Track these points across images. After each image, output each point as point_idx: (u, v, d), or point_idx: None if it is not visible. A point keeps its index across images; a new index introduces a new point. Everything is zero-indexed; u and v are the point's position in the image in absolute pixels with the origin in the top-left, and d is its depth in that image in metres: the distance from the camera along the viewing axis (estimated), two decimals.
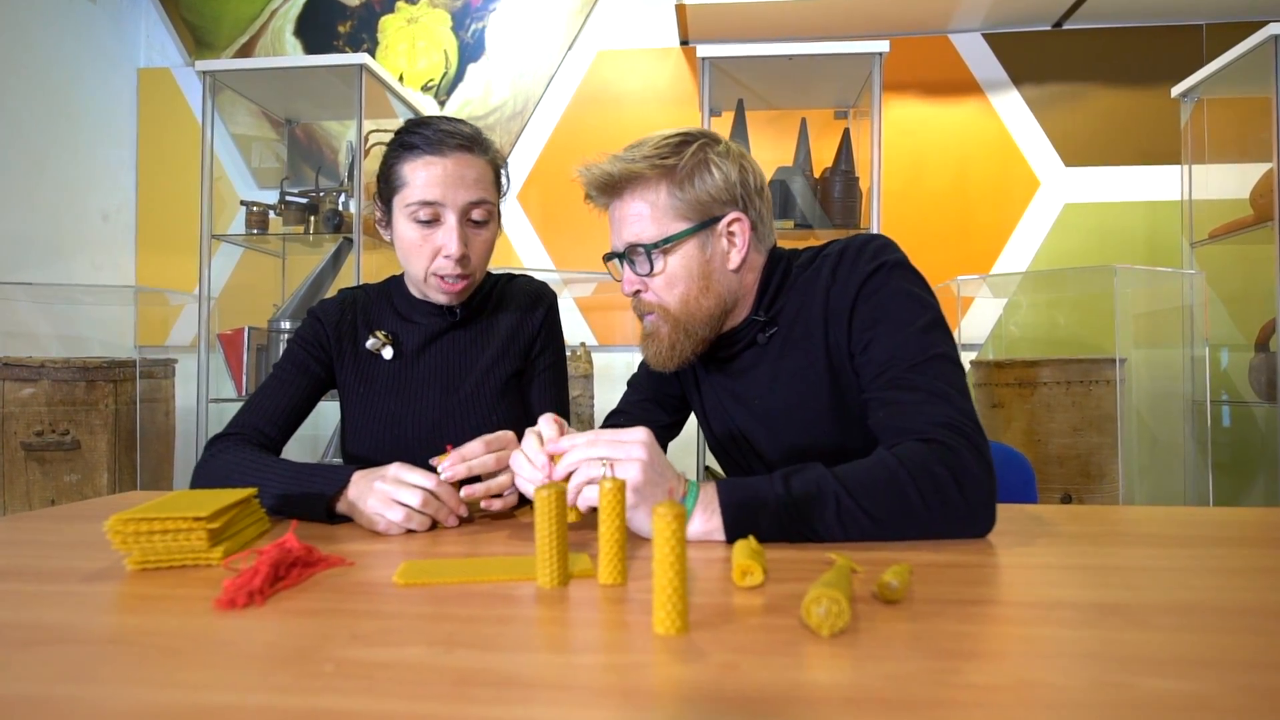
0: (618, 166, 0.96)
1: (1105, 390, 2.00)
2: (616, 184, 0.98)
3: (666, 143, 0.96)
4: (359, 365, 1.16)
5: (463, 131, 1.08)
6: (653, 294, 0.99)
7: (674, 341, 1.00)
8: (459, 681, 0.43)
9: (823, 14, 2.64)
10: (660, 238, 0.96)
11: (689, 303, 0.98)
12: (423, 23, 2.98)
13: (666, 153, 0.95)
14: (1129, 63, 2.73)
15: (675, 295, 0.98)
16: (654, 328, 1.01)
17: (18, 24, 2.53)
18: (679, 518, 0.52)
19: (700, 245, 0.97)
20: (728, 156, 0.98)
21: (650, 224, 0.96)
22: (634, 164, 0.95)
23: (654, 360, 1.02)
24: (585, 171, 0.98)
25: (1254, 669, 0.44)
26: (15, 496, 2.15)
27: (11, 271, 2.49)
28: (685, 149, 0.96)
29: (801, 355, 1.00)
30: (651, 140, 0.97)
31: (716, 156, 0.97)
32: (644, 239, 0.96)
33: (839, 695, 0.41)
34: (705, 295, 0.98)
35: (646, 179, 0.96)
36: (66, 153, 2.73)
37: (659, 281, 0.98)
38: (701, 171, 0.96)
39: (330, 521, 0.90)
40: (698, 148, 0.96)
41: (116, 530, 0.69)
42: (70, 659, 0.47)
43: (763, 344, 1.03)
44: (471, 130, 1.10)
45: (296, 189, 2.54)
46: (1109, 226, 2.71)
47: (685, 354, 1.01)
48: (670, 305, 0.99)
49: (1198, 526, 0.85)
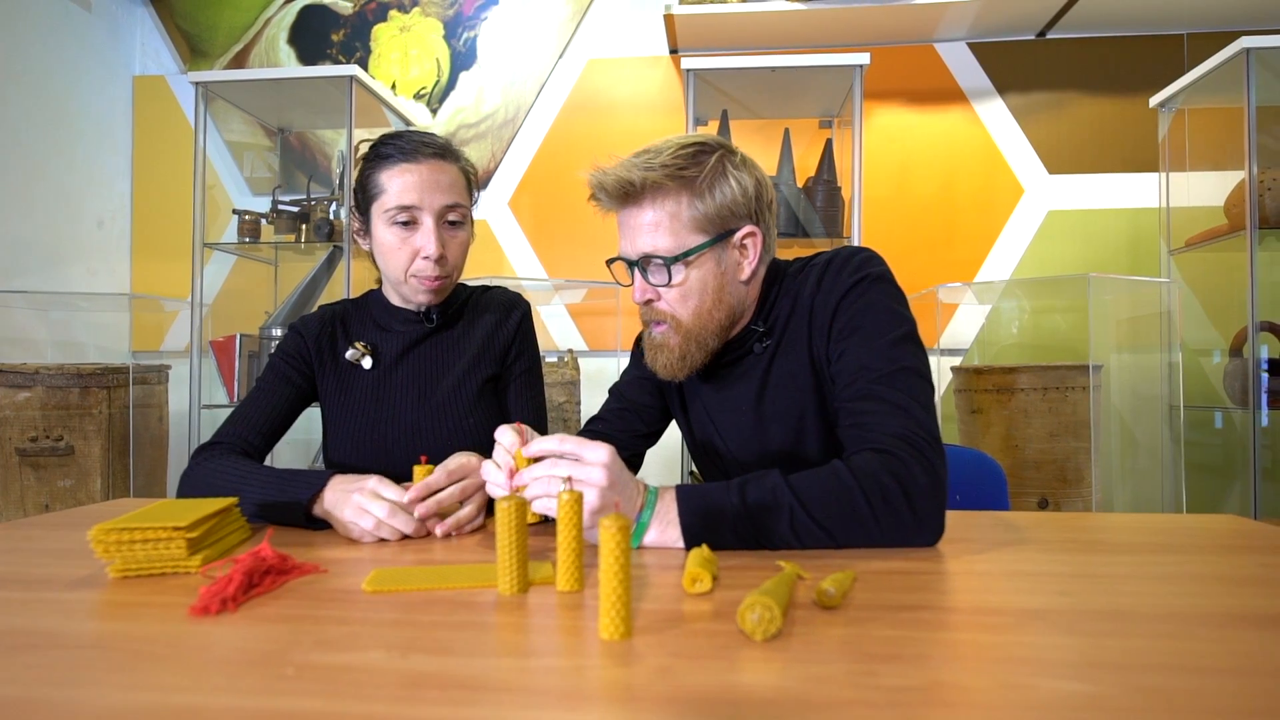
0: (637, 174, 0.94)
1: (1081, 396, 2.03)
2: (635, 192, 0.96)
3: (684, 151, 0.95)
4: (339, 376, 1.20)
5: (435, 141, 1.14)
6: (665, 304, 0.99)
7: (685, 352, 1.00)
8: (410, 684, 0.46)
9: (810, 24, 2.67)
10: (679, 250, 0.96)
11: (702, 315, 0.99)
12: (415, 31, 3.02)
13: (686, 163, 0.94)
14: (1112, 72, 2.76)
15: (689, 308, 0.98)
16: (664, 338, 1.01)
17: (15, 32, 2.56)
18: (623, 530, 0.56)
19: (716, 258, 0.98)
20: (744, 168, 0.98)
21: (668, 235, 0.95)
22: (653, 172, 0.93)
23: (664, 370, 1.02)
24: (600, 175, 0.96)
25: (1150, 671, 0.48)
26: (10, 502, 2.18)
27: (8, 278, 2.52)
28: (705, 159, 0.95)
29: (789, 364, 1.02)
30: (668, 148, 0.95)
31: (734, 168, 0.97)
32: (661, 250, 0.96)
33: (760, 696, 0.45)
34: (718, 307, 0.99)
35: (666, 189, 0.95)
36: (63, 160, 2.76)
37: (674, 293, 0.98)
38: (720, 183, 0.95)
39: (310, 526, 0.93)
40: (717, 159, 0.96)
41: (99, 540, 0.72)
42: (51, 663, 0.50)
43: (758, 353, 1.05)
44: (443, 140, 1.16)
45: (288, 198, 2.57)
46: (1092, 233, 2.75)
47: (695, 363, 1.02)
48: (683, 317, 0.99)
49: (1148, 533, 0.88)
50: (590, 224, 2.86)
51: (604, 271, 2.83)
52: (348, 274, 2.35)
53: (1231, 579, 0.68)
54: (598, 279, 2.80)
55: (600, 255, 3.02)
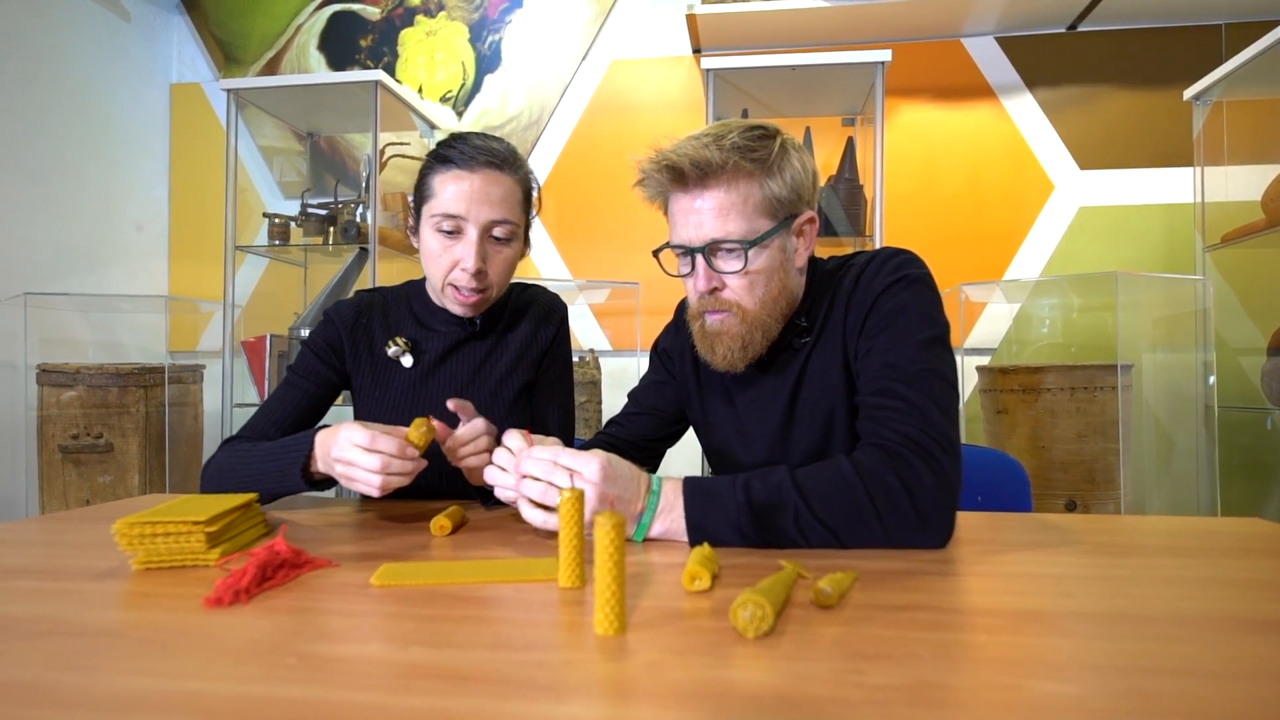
0: (713, 153, 0.90)
1: (1110, 396, 1.99)
2: (708, 172, 0.92)
3: (751, 133, 0.92)
4: (375, 368, 1.20)
5: (495, 150, 1.11)
6: (730, 292, 0.96)
7: (748, 341, 0.98)
8: (404, 675, 0.48)
9: (834, 21, 2.65)
10: (752, 235, 0.93)
11: (767, 302, 0.97)
12: (441, 35, 3.06)
13: (754, 144, 0.92)
14: (1145, 64, 2.71)
15: (756, 295, 0.96)
16: (724, 325, 0.98)
17: (57, 43, 2.65)
18: (617, 528, 0.57)
19: (781, 244, 0.96)
20: (801, 151, 0.96)
21: (742, 219, 0.93)
22: (728, 152, 0.90)
23: (723, 361, 0.99)
24: (667, 155, 0.92)
25: (1137, 673, 0.47)
26: (53, 496, 2.26)
27: (52, 281, 2.61)
28: (771, 142, 0.93)
29: (824, 361, 1.01)
30: (732, 130, 0.92)
31: (795, 150, 0.95)
32: (734, 235, 0.93)
33: (743, 692, 0.45)
34: (782, 294, 0.98)
35: (740, 171, 0.92)
36: (103, 166, 2.85)
37: (742, 280, 0.95)
38: (787, 167, 0.93)
39: (320, 488, 0.99)
40: (781, 143, 0.94)
41: (123, 533, 0.75)
42: (69, 650, 0.53)
43: (796, 349, 1.03)
44: (505, 149, 1.12)
45: (316, 200, 2.63)
46: (1125, 229, 2.69)
47: (756, 352, 0.99)
48: (749, 305, 0.96)
49: (1163, 536, 0.87)
50: (613, 223, 2.88)
51: (626, 271, 2.88)
52: (373, 275, 2.39)
53: (1241, 582, 0.67)
54: (620, 279, 2.81)
55: (623, 254, 3.06)
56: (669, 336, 1.23)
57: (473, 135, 1.13)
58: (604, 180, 2.90)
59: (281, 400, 1.16)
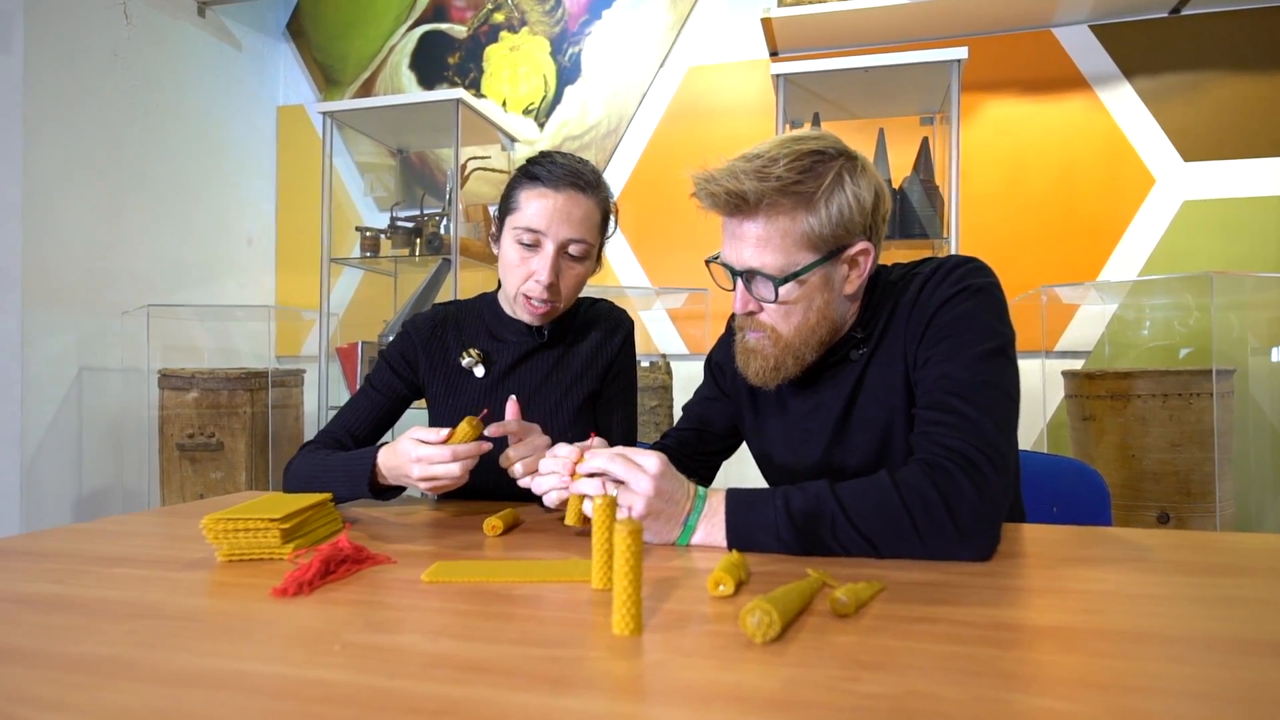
0: (750, 185, 0.88)
1: (1208, 403, 1.87)
2: (743, 204, 0.91)
3: (800, 163, 0.89)
4: (449, 379, 1.27)
5: (579, 171, 1.16)
6: (767, 317, 0.97)
7: (780, 364, 0.98)
8: (429, 664, 0.53)
9: (914, 16, 2.59)
10: (788, 269, 0.92)
11: (804, 331, 0.96)
12: (524, 50, 3.16)
13: (802, 175, 0.89)
14: (1256, 48, 2.53)
15: (791, 324, 0.96)
16: (759, 345, 0.99)
17: (176, 73, 2.89)
18: (635, 535, 0.60)
19: (824, 276, 0.94)
20: (863, 176, 0.93)
21: (778, 253, 0.91)
22: (767, 183, 0.88)
23: (755, 377, 1.00)
24: (707, 183, 0.91)
25: (1137, 693, 0.47)
26: (171, 491, 2.48)
27: (172, 293, 2.85)
28: (823, 170, 0.90)
29: (883, 371, 1.00)
30: (783, 156, 0.89)
31: (852, 179, 0.92)
32: (769, 268, 0.92)
33: (734, 693, 0.48)
34: (821, 324, 0.97)
35: (779, 205, 0.90)
36: (216, 185, 3.09)
37: (778, 309, 0.95)
38: (838, 198, 0.91)
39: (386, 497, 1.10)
40: (835, 173, 0.91)
41: (210, 528, 0.83)
42: (151, 630, 0.60)
43: (854, 360, 1.02)
44: (589, 172, 1.18)
45: (404, 214, 2.77)
46: (1234, 225, 2.52)
47: (788, 374, 1.00)
48: (784, 332, 0.96)
49: (1222, 554, 0.82)
50: (690, 229, 2.90)
51: (703, 276, 2.89)
52: (455, 285, 2.50)
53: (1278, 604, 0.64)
54: (696, 285, 2.84)
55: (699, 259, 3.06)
56: (721, 349, 1.23)
57: (560, 155, 1.18)
58: (681, 186, 2.90)
59: (355, 408, 1.24)
